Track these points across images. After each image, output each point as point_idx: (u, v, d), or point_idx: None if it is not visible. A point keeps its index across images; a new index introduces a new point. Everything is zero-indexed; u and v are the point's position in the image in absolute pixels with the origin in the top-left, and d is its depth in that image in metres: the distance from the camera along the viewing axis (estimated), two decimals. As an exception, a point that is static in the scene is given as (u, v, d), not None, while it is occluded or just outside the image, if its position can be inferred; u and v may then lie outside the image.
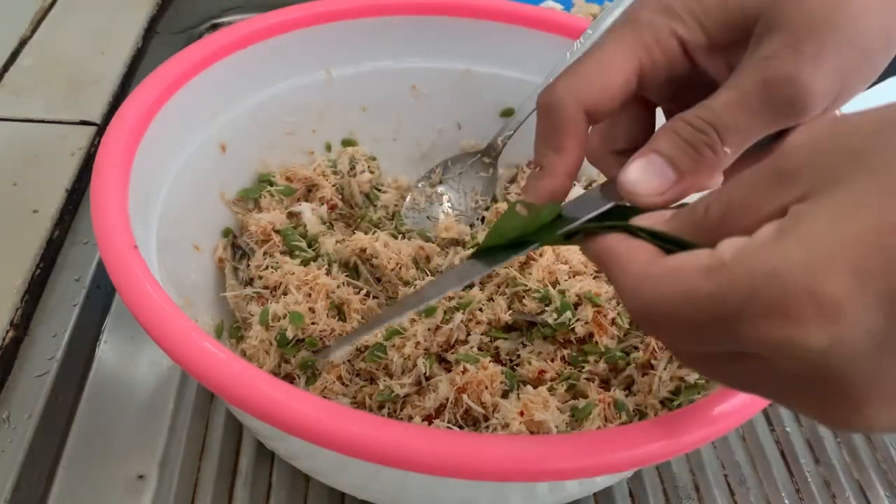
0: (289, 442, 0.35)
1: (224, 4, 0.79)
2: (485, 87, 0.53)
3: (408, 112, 0.54)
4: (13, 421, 0.41)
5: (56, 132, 0.58)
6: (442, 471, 0.26)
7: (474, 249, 0.46)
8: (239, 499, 0.41)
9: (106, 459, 0.42)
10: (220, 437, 0.44)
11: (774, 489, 0.45)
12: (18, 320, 0.45)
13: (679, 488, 0.44)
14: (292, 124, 0.50)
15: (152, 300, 0.29)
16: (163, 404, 0.45)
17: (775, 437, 0.48)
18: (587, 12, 0.73)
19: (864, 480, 0.46)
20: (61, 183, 0.54)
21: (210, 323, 0.42)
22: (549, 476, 0.26)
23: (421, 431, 0.26)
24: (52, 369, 0.44)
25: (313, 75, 0.49)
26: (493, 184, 0.53)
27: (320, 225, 0.48)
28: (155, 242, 0.37)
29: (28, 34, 0.69)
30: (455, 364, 0.41)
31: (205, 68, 0.42)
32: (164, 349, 0.28)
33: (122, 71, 0.66)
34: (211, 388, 0.28)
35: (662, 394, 0.39)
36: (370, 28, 0.49)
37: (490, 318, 0.43)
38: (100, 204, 0.33)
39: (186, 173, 0.42)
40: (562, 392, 0.40)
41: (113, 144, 0.35)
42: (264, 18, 0.45)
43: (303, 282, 0.42)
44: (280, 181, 0.49)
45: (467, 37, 0.51)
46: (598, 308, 0.42)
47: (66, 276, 0.49)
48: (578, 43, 0.48)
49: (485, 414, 0.38)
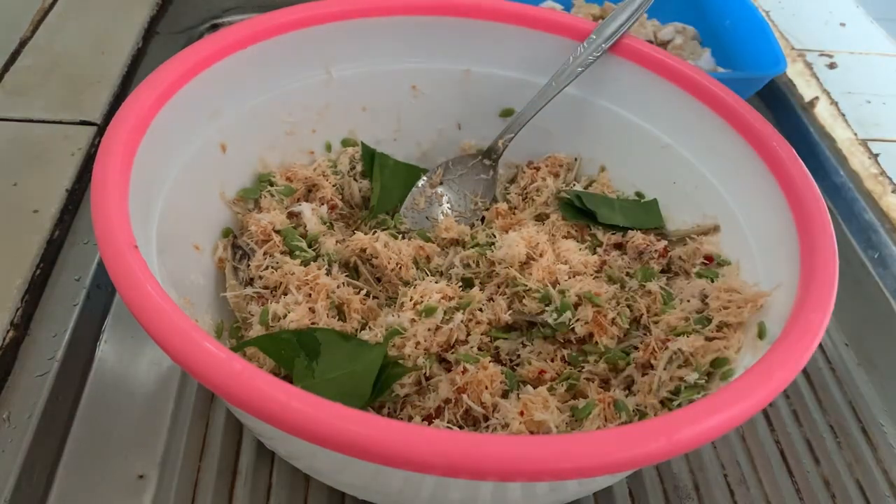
0: (289, 442, 0.35)
1: (224, 4, 0.79)
2: (485, 87, 0.53)
3: (408, 112, 0.54)
4: (13, 421, 0.41)
5: (56, 132, 0.58)
6: (442, 471, 0.26)
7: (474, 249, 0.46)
8: (239, 499, 0.41)
9: (106, 459, 0.42)
10: (220, 437, 0.44)
11: (774, 489, 0.45)
12: (18, 320, 0.45)
13: (679, 488, 0.44)
14: (292, 124, 0.50)
15: (152, 300, 0.29)
16: (163, 404, 0.45)
17: (775, 437, 0.48)
18: (587, 12, 0.73)
19: (864, 480, 0.46)
20: (61, 183, 0.54)
21: (210, 323, 0.42)
22: (549, 476, 0.26)
23: (421, 431, 0.26)
24: (52, 369, 0.44)
25: (313, 75, 0.49)
26: (493, 186, 0.53)
27: (320, 225, 0.48)
28: (155, 242, 0.37)
29: (28, 34, 0.69)
30: (455, 364, 0.41)
31: (205, 68, 0.42)
32: (164, 349, 0.28)
33: (122, 71, 0.66)
34: (211, 388, 0.28)
35: (662, 394, 0.39)
36: (370, 28, 0.49)
37: (490, 318, 0.43)
38: (100, 204, 0.33)
39: (186, 173, 0.42)
40: (562, 392, 0.40)
41: (113, 144, 0.35)
42: (264, 18, 0.45)
43: (303, 282, 0.42)
44: (280, 181, 0.49)
45: (467, 37, 0.51)
46: (598, 308, 0.42)
47: (66, 276, 0.49)
48: (582, 47, 0.48)
49: (485, 414, 0.38)
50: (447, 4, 0.49)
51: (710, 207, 0.47)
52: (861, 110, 0.73)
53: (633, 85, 0.49)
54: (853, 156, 0.68)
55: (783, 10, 0.88)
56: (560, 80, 0.49)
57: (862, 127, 0.71)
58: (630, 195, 0.52)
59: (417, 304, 0.42)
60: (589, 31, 0.49)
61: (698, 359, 0.39)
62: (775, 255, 0.40)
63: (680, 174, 0.48)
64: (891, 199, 0.63)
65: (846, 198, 0.64)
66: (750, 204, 0.44)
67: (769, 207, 0.41)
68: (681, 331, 0.41)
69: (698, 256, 0.46)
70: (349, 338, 0.40)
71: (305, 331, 0.39)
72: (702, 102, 0.46)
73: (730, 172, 0.45)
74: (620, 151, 0.52)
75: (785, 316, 0.34)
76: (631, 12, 0.49)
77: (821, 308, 0.33)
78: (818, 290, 0.34)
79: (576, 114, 0.52)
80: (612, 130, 0.51)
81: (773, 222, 0.41)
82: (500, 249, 0.45)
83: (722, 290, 0.42)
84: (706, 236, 0.47)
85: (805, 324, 0.32)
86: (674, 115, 0.48)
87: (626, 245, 0.49)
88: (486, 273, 0.46)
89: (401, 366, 0.39)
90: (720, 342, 0.40)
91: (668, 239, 0.49)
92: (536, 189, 0.52)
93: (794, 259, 0.37)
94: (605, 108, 0.51)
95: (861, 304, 0.57)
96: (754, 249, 0.43)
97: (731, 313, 0.40)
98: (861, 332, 0.55)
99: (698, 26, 0.75)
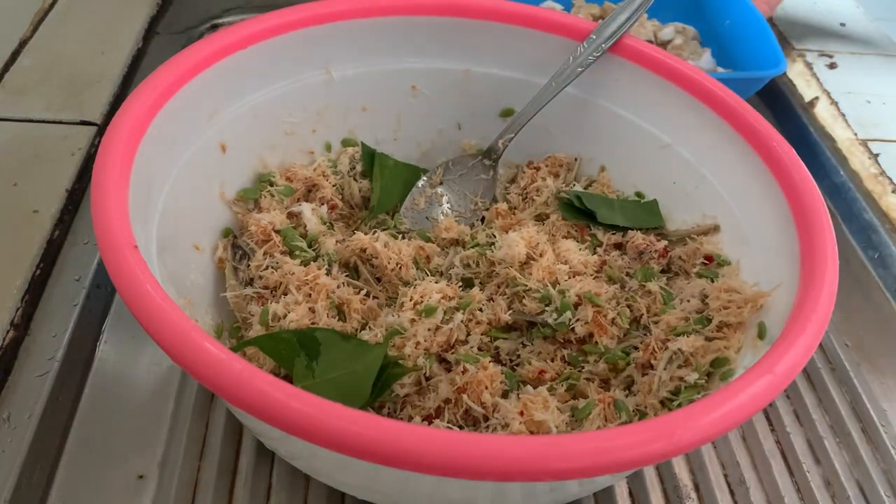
0: (289, 442, 0.35)
1: (224, 4, 0.79)
2: (485, 87, 0.53)
3: (408, 112, 0.54)
4: (13, 421, 0.41)
5: (56, 132, 0.58)
6: (442, 471, 0.26)
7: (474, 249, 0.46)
8: (239, 499, 0.41)
9: (106, 459, 0.42)
10: (220, 437, 0.44)
11: (774, 489, 0.45)
12: (18, 320, 0.45)
13: (679, 488, 0.44)
14: (292, 124, 0.50)
15: (152, 300, 0.29)
16: (163, 404, 0.45)
17: (775, 437, 0.48)
18: (587, 12, 0.73)
19: (864, 480, 0.46)
20: (61, 183, 0.54)
21: (210, 323, 0.42)
22: (549, 476, 0.26)
23: (421, 431, 0.26)
24: (52, 369, 0.44)
25: (313, 75, 0.49)
26: (492, 186, 0.53)
27: (320, 225, 0.48)
28: (155, 242, 0.37)
29: (28, 34, 0.69)
30: (455, 364, 0.41)
31: (205, 68, 0.42)
32: (164, 349, 0.28)
33: (122, 71, 0.66)
34: (211, 388, 0.28)
35: (662, 394, 0.39)
36: (370, 28, 0.49)
37: (490, 318, 0.43)
38: (100, 204, 0.33)
39: (186, 173, 0.42)
40: (562, 392, 0.40)
41: (113, 144, 0.35)
42: (264, 18, 0.45)
43: (303, 282, 0.42)
44: (280, 181, 0.49)
45: (467, 37, 0.51)
46: (598, 308, 0.42)
47: (66, 276, 0.49)
48: (582, 47, 0.48)
49: (485, 414, 0.38)
50: (447, 4, 0.49)
51: (710, 207, 0.47)
52: (861, 110, 0.73)
53: (633, 85, 0.49)
54: (853, 156, 0.68)
55: (783, 10, 0.88)
56: (560, 80, 0.49)
57: (862, 127, 0.71)
58: (630, 195, 0.52)
59: (417, 304, 0.42)
60: (589, 31, 0.49)
61: (698, 359, 0.39)
62: (775, 255, 0.40)
63: (680, 174, 0.48)
64: (891, 199, 0.63)
65: (846, 198, 0.64)
66: (750, 204, 0.43)
67: (769, 207, 0.41)
68: (681, 331, 0.41)
69: (698, 256, 0.46)
70: (349, 338, 0.40)
71: (305, 331, 0.39)
72: (702, 102, 0.46)
73: (730, 172, 0.45)
74: (620, 151, 0.52)
75: (785, 316, 0.34)
76: (631, 12, 0.49)
77: (821, 308, 0.33)
78: (818, 290, 0.34)
79: (576, 114, 0.52)
80: (612, 130, 0.51)
81: (773, 222, 0.41)
82: (500, 249, 0.45)
83: (722, 290, 0.42)
84: (706, 236, 0.47)
85: (805, 324, 0.32)
86: (674, 115, 0.48)
87: (626, 245, 0.49)
88: (486, 273, 0.46)
89: (401, 366, 0.39)
90: (720, 342, 0.40)
91: (668, 239, 0.49)
92: (536, 189, 0.52)
93: (794, 259, 0.37)
94: (605, 108, 0.51)
95: (861, 304, 0.57)
96: (754, 249, 0.43)
97: (731, 313, 0.40)
98: (861, 332, 0.55)
99: (698, 27, 0.75)
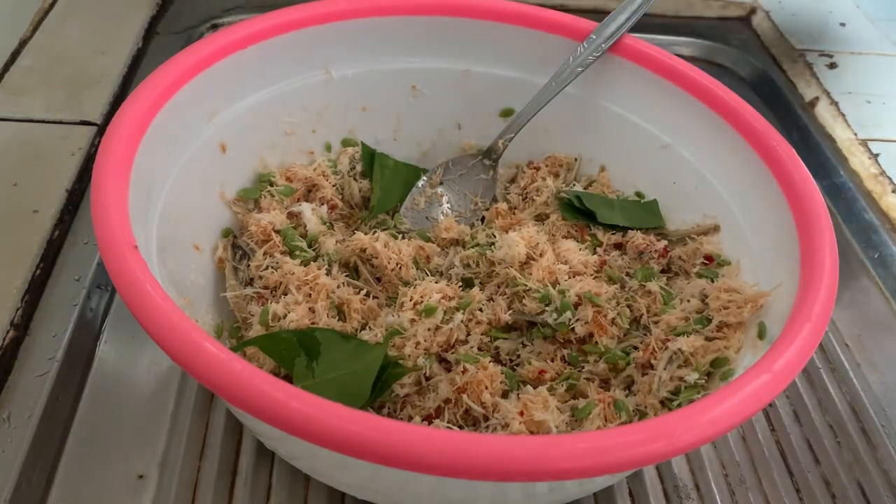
0: (289, 442, 0.35)
1: (224, 4, 0.79)
2: (485, 87, 0.53)
3: (408, 112, 0.54)
4: (13, 421, 0.41)
5: (56, 132, 0.58)
6: (442, 471, 0.26)
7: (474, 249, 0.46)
8: (239, 499, 0.41)
9: (106, 459, 0.42)
10: (220, 437, 0.44)
11: (774, 489, 0.45)
12: (18, 320, 0.45)
13: (679, 488, 0.44)
14: (292, 124, 0.50)
15: (152, 300, 0.29)
16: (163, 404, 0.45)
17: (775, 437, 0.48)
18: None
19: (863, 480, 0.46)
20: (61, 183, 0.54)
21: (210, 323, 0.42)
22: (549, 476, 0.26)
23: (420, 431, 0.26)
24: (52, 369, 0.44)
25: (313, 75, 0.49)
26: (492, 186, 0.53)
27: (320, 225, 0.48)
28: (155, 242, 0.37)
29: (28, 34, 0.69)
30: (455, 364, 0.41)
31: (205, 68, 0.42)
32: (164, 349, 0.28)
33: (122, 71, 0.66)
34: (211, 388, 0.28)
35: (662, 394, 0.39)
36: (370, 28, 0.49)
37: (490, 318, 0.43)
38: (100, 204, 0.33)
39: (186, 173, 0.42)
40: (562, 392, 0.40)
41: (113, 144, 0.35)
42: (264, 18, 0.45)
43: (303, 282, 0.42)
44: (280, 181, 0.49)
45: (467, 37, 0.51)
46: (598, 308, 0.42)
47: (66, 276, 0.49)
48: (582, 47, 0.48)
49: (485, 414, 0.38)
50: (447, 4, 0.49)
51: (710, 207, 0.47)
52: (861, 110, 0.73)
53: (633, 85, 0.49)
54: (853, 156, 0.68)
55: (783, 10, 0.88)
56: (560, 80, 0.49)
57: (862, 127, 0.71)
58: (630, 195, 0.52)
59: (417, 304, 0.42)
60: (589, 31, 0.49)
61: (698, 359, 0.39)
62: (775, 255, 0.40)
63: (680, 174, 0.48)
64: (891, 199, 0.63)
65: (846, 198, 0.64)
66: (750, 204, 0.43)
67: (769, 207, 0.41)
68: (681, 331, 0.41)
69: (698, 256, 0.46)
70: (349, 338, 0.40)
71: (305, 331, 0.39)
72: (702, 102, 0.46)
73: (730, 172, 0.45)
74: (620, 151, 0.52)
75: (785, 316, 0.34)
76: (631, 12, 0.49)
77: (821, 308, 0.33)
78: (818, 290, 0.34)
79: (576, 114, 0.52)
80: (612, 130, 0.51)
81: (773, 222, 0.41)
82: (500, 249, 0.45)
83: (722, 290, 0.42)
84: (706, 236, 0.47)
85: (805, 324, 0.32)
86: (674, 115, 0.48)
87: (626, 245, 0.49)
88: (486, 273, 0.46)
89: (401, 366, 0.39)
90: (720, 342, 0.40)
91: (668, 239, 0.49)
92: (536, 189, 0.52)
93: (794, 259, 0.37)
94: (604, 108, 0.51)
95: (861, 304, 0.57)
96: (754, 249, 0.43)
97: (731, 313, 0.40)
98: (861, 332, 0.55)
99: None
